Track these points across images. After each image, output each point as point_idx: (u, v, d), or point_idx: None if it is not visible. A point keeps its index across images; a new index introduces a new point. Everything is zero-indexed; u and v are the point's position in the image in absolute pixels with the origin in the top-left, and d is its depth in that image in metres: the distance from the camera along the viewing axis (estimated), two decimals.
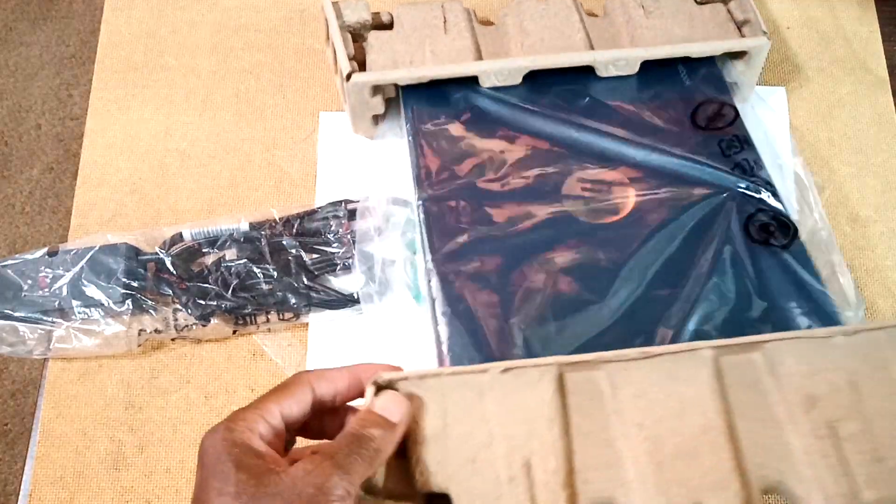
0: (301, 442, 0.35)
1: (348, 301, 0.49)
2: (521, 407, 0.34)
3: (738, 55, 0.53)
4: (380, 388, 0.34)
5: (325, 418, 0.35)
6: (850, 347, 0.35)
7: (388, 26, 0.53)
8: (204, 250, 0.51)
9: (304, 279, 0.49)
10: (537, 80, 0.52)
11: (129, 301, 0.48)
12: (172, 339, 0.49)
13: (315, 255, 0.50)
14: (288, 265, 0.50)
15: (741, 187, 0.48)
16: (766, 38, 0.51)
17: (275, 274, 0.49)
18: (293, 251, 0.50)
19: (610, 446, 0.33)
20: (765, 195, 0.48)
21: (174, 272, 0.49)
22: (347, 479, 0.30)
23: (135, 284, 0.48)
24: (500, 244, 0.46)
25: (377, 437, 0.32)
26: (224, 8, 0.62)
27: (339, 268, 0.50)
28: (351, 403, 0.35)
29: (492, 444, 0.33)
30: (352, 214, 0.52)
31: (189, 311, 0.48)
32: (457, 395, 0.34)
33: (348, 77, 0.49)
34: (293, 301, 0.49)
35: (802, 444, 0.33)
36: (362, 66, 0.51)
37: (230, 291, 0.48)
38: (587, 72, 0.52)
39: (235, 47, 0.60)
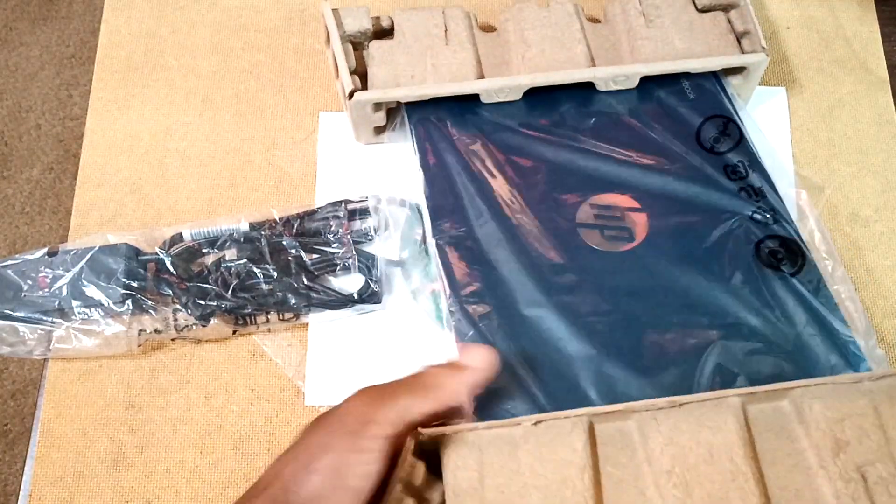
0: None
1: (348, 301, 0.49)
2: (554, 457, 0.35)
3: (737, 69, 0.53)
4: (419, 442, 0.35)
5: None
6: (877, 392, 0.36)
7: (389, 31, 0.53)
8: (204, 250, 0.51)
9: (304, 279, 0.49)
10: (538, 93, 0.51)
11: (129, 301, 0.48)
12: (172, 339, 0.49)
13: (315, 256, 0.50)
14: (288, 265, 0.50)
15: (749, 212, 0.48)
16: (765, 53, 0.51)
17: (275, 274, 0.49)
18: (293, 251, 0.50)
19: (641, 494, 0.34)
20: (772, 220, 0.47)
21: (174, 272, 0.49)
22: (392, 412, 0.34)
23: (135, 284, 0.48)
24: (520, 282, 0.46)
25: (428, 373, 0.36)
26: (224, 8, 0.62)
27: (339, 268, 0.50)
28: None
29: (526, 493, 0.34)
30: (352, 214, 0.52)
31: (189, 311, 0.48)
32: (492, 448, 0.35)
33: (350, 95, 0.49)
34: (293, 301, 0.49)
35: (832, 489, 0.34)
36: (363, 78, 0.51)
37: (230, 291, 0.48)
38: (588, 86, 0.52)
39: (235, 47, 0.60)
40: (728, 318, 0.44)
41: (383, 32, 0.53)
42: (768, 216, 0.48)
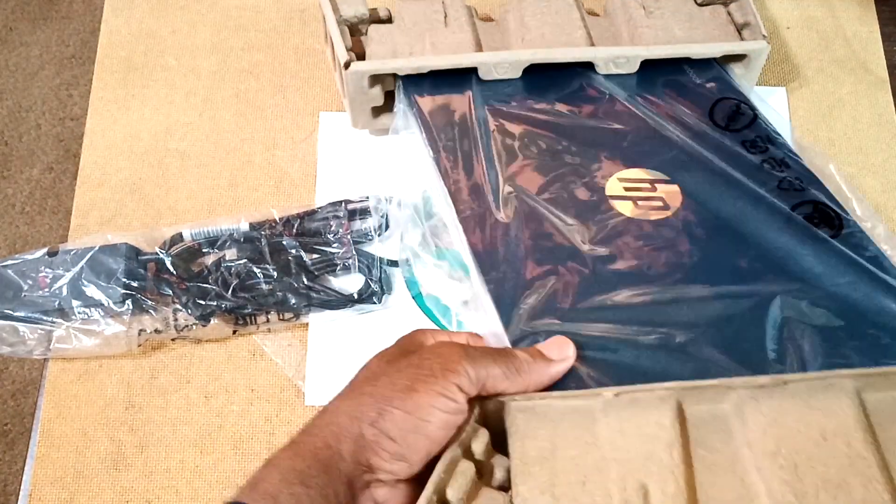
0: None
1: (348, 301, 0.49)
2: (637, 431, 0.33)
3: (738, 58, 0.53)
4: (483, 408, 0.34)
5: None
6: None
7: (387, 22, 0.53)
8: (204, 250, 0.51)
9: (304, 279, 0.49)
10: (536, 75, 0.51)
11: (129, 301, 0.48)
12: (172, 339, 0.49)
13: (315, 256, 0.50)
14: (288, 265, 0.50)
15: (775, 183, 0.47)
16: (766, 41, 0.51)
17: (275, 274, 0.49)
18: (293, 251, 0.50)
19: (740, 479, 0.31)
20: (801, 187, 0.47)
21: (174, 272, 0.49)
22: (473, 370, 0.33)
23: (135, 284, 0.48)
24: (559, 253, 0.44)
25: (521, 358, 0.36)
26: (224, 8, 0.62)
27: (339, 268, 0.50)
28: None
29: (604, 467, 0.32)
30: (352, 214, 0.52)
31: (189, 311, 0.48)
32: (567, 419, 0.34)
33: (346, 65, 0.49)
34: (293, 301, 0.49)
35: None
36: (361, 59, 0.51)
37: (230, 291, 0.48)
38: (587, 69, 0.52)
39: (235, 47, 0.60)
40: (780, 283, 0.43)
41: (380, 23, 0.53)
42: (796, 183, 0.47)
